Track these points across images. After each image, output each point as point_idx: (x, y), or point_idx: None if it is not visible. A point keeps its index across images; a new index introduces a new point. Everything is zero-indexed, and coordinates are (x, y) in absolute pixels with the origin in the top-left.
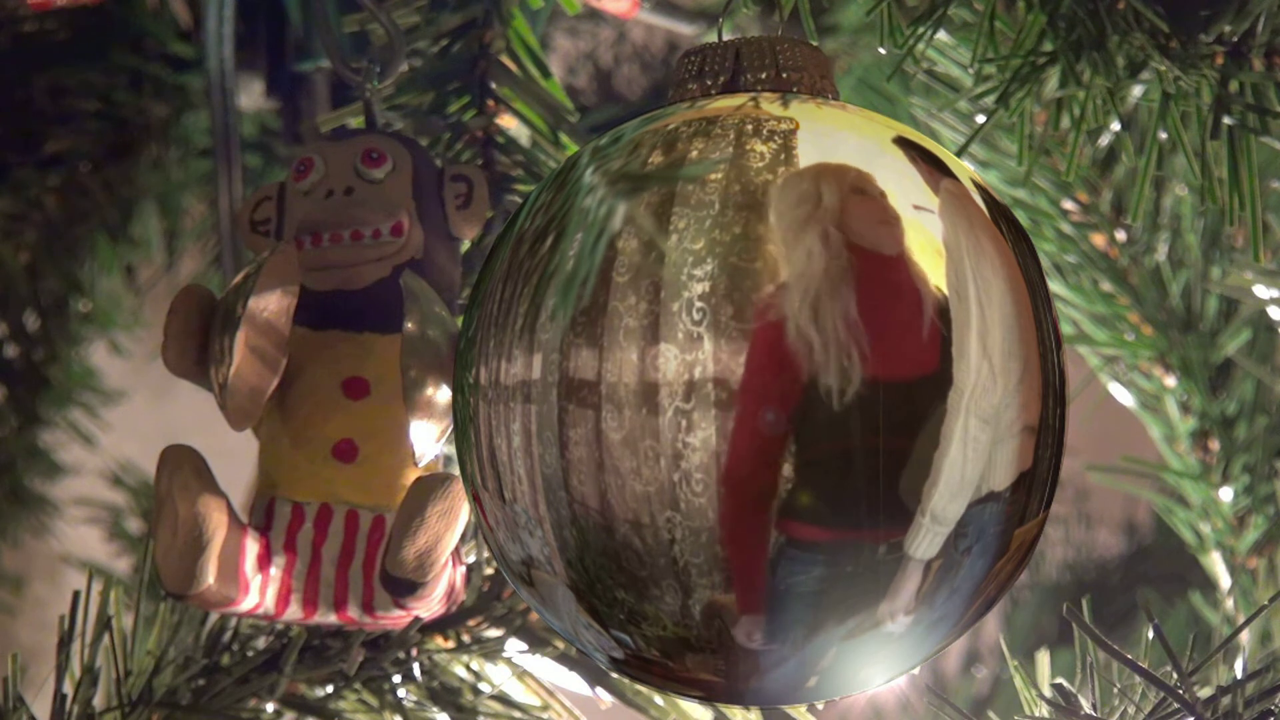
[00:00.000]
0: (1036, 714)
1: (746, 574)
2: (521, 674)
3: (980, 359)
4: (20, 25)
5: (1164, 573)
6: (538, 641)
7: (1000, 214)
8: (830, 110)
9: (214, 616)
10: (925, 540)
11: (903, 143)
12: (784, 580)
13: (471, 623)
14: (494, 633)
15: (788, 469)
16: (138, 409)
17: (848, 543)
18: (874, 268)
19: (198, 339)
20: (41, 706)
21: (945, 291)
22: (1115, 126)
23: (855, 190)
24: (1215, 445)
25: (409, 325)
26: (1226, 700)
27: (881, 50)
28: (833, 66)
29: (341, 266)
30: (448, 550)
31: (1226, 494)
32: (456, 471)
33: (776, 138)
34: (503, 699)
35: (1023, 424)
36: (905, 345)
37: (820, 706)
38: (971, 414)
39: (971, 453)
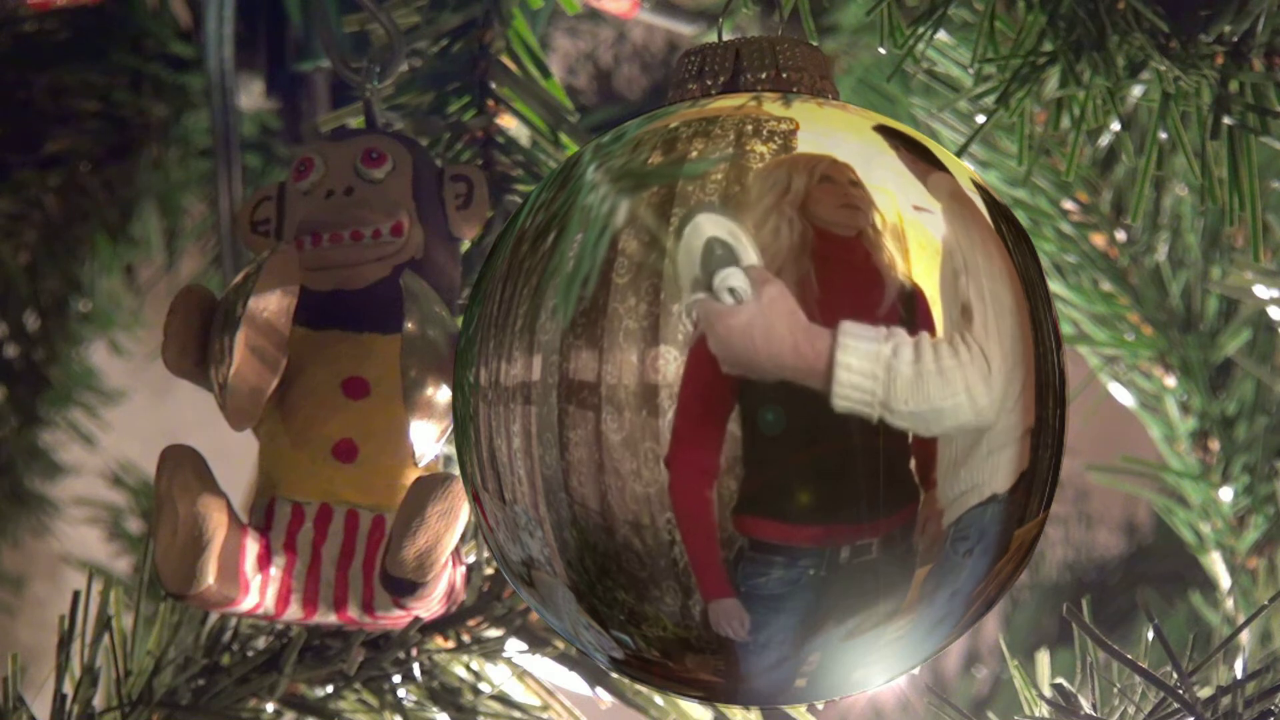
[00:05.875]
0: (1036, 714)
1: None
2: (521, 674)
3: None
4: (20, 25)
5: (1164, 573)
6: (538, 641)
7: (1000, 214)
8: (830, 110)
9: (214, 616)
10: (925, 539)
11: (901, 141)
12: (779, 580)
13: (471, 623)
14: (494, 633)
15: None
16: (138, 409)
17: (845, 541)
18: (833, 248)
19: (198, 339)
20: (41, 706)
21: (915, 279)
22: (1115, 126)
23: (823, 178)
24: (1215, 445)
25: (409, 325)
26: (1226, 700)
27: (881, 50)
28: (833, 66)
29: (341, 266)
30: (448, 550)
31: (1226, 494)
32: (456, 471)
33: (776, 138)
34: (503, 699)
35: (1023, 425)
36: (867, 321)
37: (820, 706)
38: (971, 419)
39: (970, 454)
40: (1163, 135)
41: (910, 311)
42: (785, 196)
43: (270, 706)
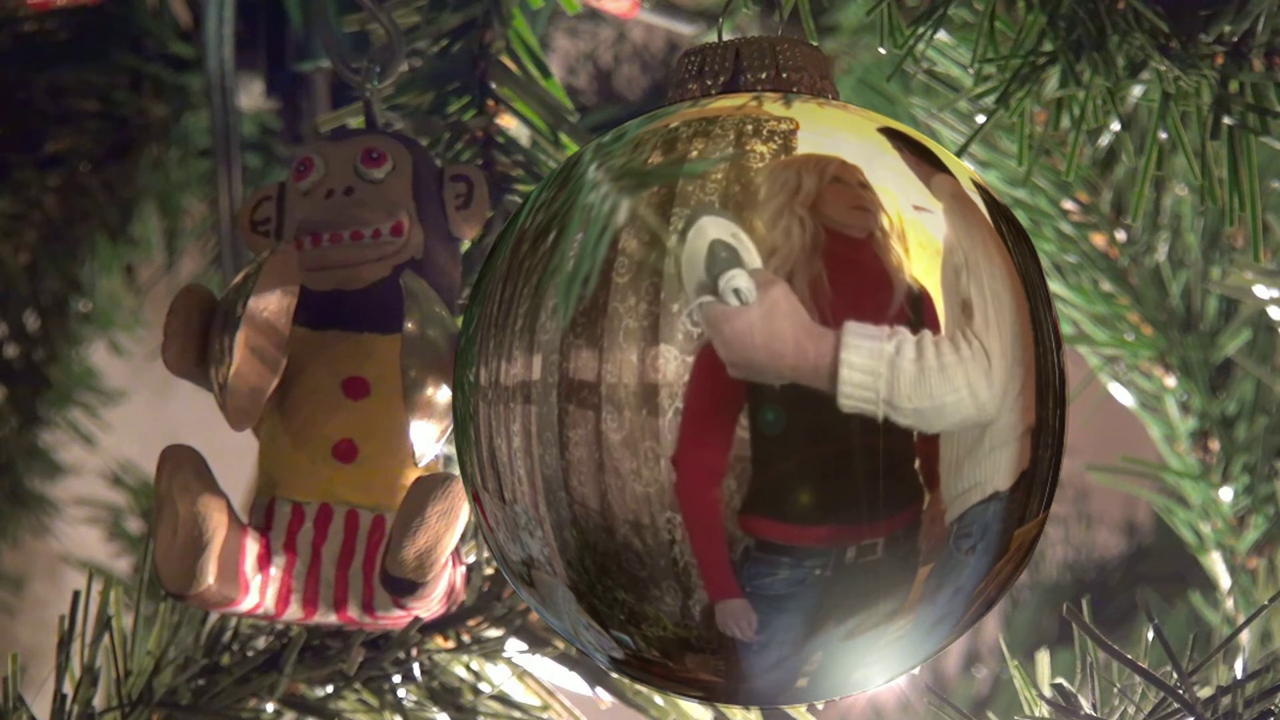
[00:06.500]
0: (1036, 714)
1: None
2: (521, 674)
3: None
4: (20, 25)
5: (1164, 573)
6: (538, 641)
7: (1000, 214)
8: (830, 110)
9: (214, 616)
10: (929, 538)
11: (902, 141)
12: (784, 580)
13: (471, 623)
14: (494, 633)
15: (780, 466)
16: (138, 409)
17: (852, 541)
18: (844, 249)
19: (198, 339)
20: (41, 706)
21: (921, 280)
22: (1115, 126)
23: (834, 179)
24: (1215, 445)
25: (409, 325)
26: (1226, 700)
27: (881, 50)
28: (833, 66)
29: (341, 266)
30: (448, 550)
31: (1226, 494)
32: (456, 471)
33: (776, 138)
34: (503, 699)
35: (1023, 424)
36: (872, 322)
37: (820, 706)
38: (973, 413)
39: (973, 452)
40: (1163, 135)
41: (914, 310)
42: (796, 196)
43: (270, 706)
